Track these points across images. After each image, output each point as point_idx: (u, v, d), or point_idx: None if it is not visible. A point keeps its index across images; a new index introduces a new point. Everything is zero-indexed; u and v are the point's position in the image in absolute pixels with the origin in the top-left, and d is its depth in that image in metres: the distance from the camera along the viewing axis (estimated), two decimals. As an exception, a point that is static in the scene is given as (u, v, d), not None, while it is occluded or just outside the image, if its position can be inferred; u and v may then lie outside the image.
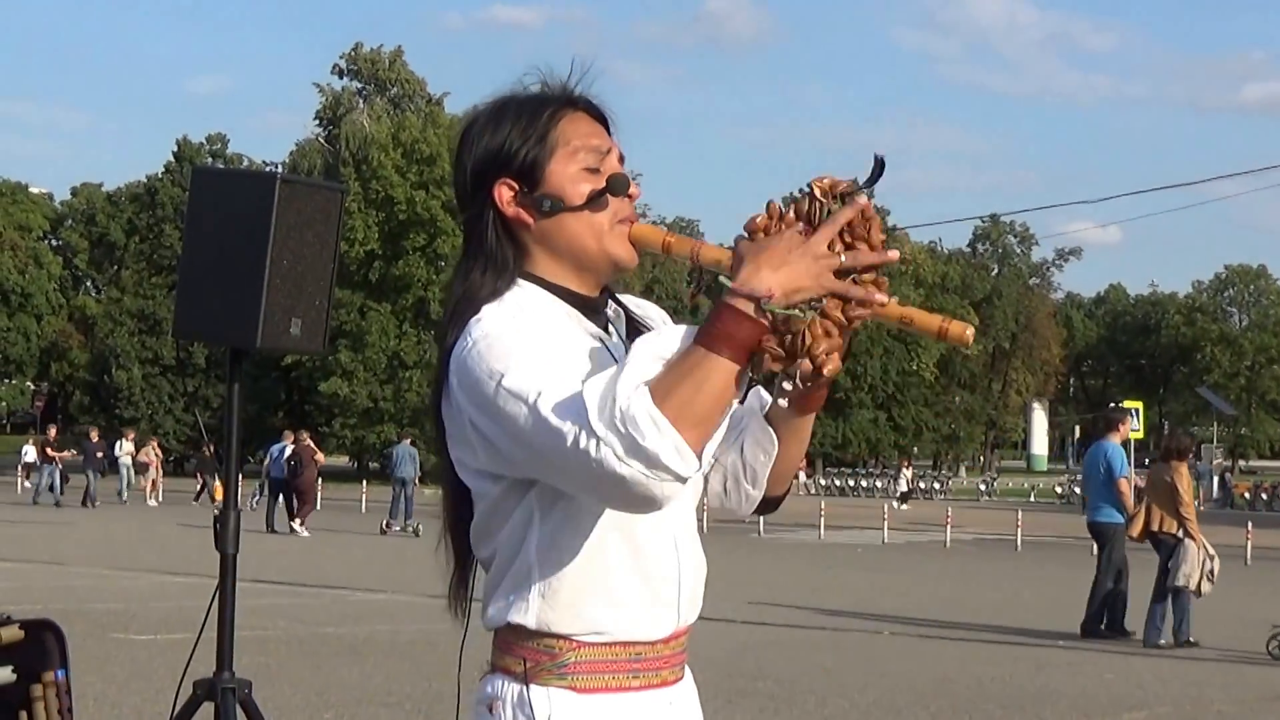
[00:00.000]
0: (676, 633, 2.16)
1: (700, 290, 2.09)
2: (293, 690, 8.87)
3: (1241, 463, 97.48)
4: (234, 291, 4.48)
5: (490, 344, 2.00)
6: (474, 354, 2.01)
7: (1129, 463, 14.20)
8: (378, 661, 10.27)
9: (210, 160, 73.93)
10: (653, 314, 2.31)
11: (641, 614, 2.11)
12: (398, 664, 10.16)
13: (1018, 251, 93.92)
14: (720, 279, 1.96)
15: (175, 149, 75.60)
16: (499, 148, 2.15)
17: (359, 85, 70.97)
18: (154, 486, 38.83)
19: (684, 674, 2.22)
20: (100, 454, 36.23)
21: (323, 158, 66.61)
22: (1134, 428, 26.38)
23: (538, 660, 2.09)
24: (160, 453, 41.85)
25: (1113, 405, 33.40)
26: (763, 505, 2.33)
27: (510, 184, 2.14)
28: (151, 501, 37.39)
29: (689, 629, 2.21)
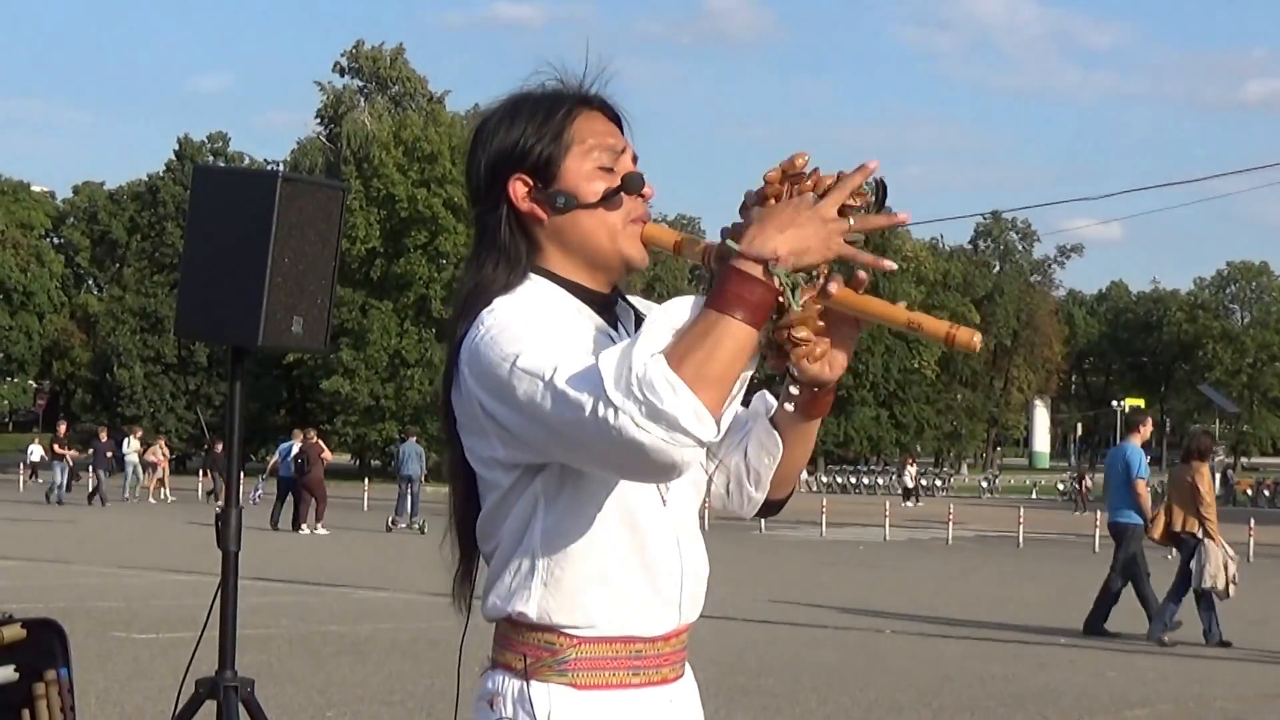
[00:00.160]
0: (677, 630, 2.16)
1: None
2: (295, 688, 8.87)
3: (1243, 460, 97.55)
4: (236, 290, 4.47)
5: (503, 329, 2.01)
6: (486, 340, 2.01)
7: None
8: (380, 660, 10.27)
9: (212, 159, 74.15)
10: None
11: (642, 609, 2.10)
12: (400, 662, 10.15)
13: (1019, 248, 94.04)
14: (727, 243, 1.97)
15: (177, 147, 75.81)
16: (514, 143, 2.15)
17: (360, 83, 71.05)
18: (160, 485, 38.86)
19: (685, 672, 2.22)
20: (110, 453, 36.21)
21: (324, 156, 66.64)
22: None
23: (538, 656, 2.09)
24: (167, 451, 41.83)
25: (1133, 407, 33.40)
26: (765, 508, 2.34)
27: (525, 179, 2.15)
28: (153, 500, 37.42)
29: (690, 628, 2.20)
